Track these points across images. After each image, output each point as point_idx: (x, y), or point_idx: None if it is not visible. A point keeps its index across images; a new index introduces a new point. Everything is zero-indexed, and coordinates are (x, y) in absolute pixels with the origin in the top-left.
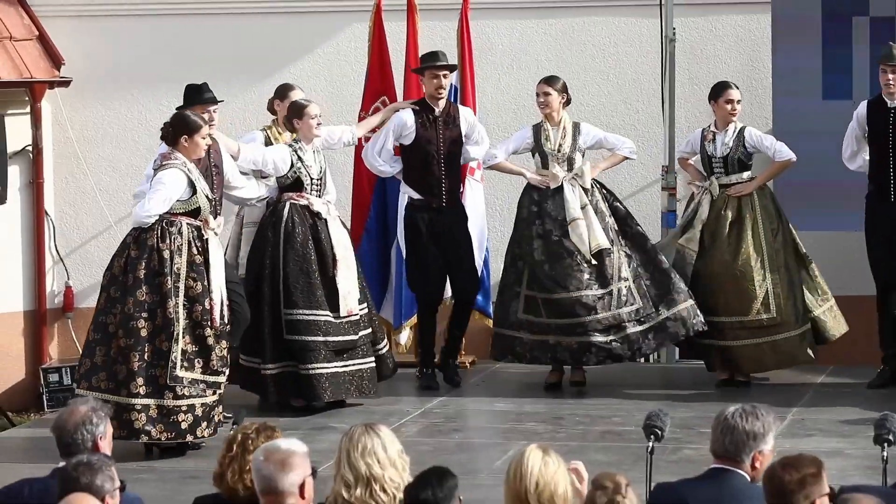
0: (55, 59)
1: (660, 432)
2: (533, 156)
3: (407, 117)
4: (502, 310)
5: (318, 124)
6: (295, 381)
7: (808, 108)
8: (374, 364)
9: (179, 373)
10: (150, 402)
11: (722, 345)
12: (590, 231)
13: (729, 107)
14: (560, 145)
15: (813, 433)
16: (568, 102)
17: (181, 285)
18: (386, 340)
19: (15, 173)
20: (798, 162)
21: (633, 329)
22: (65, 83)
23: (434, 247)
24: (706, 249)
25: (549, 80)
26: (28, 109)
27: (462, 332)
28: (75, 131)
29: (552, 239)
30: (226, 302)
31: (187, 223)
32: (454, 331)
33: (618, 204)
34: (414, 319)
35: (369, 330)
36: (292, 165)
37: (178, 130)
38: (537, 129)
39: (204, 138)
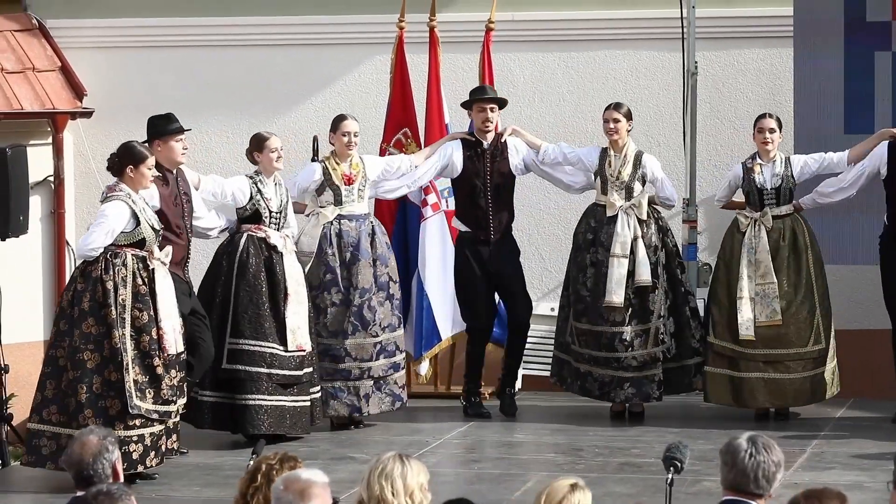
0: (77, 90)
1: (679, 464)
2: (595, 178)
3: (454, 147)
4: (557, 332)
5: (279, 158)
6: (230, 410)
7: (829, 141)
8: (309, 404)
9: (137, 402)
10: None
11: (771, 377)
12: (635, 266)
13: (760, 135)
14: (619, 172)
15: (833, 466)
16: (630, 129)
17: (127, 316)
18: (319, 388)
19: (36, 203)
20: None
21: (659, 370)
22: (87, 114)
23: (483, 280)
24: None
25: (617, 107)
26: (50, 140)
27: (518, 361)
28: (97, 162)
29: (602, 270)
30: (179, 330)
31: (132, 254)
32: (510, 360)
33: (668, 239)
34: (434, 350)
35: (312, 369)
36: (251, 197)
37: (123, 161)
38: (603, 153)
39: (150, 169)
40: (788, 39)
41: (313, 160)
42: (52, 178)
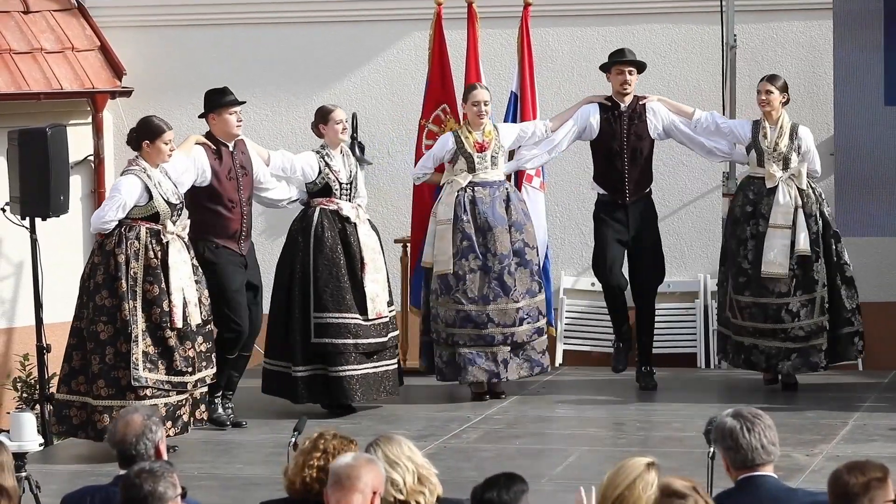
0: (116, 69)
1: None
2: (748, 152)
3: (592, 110)
4: (718, 307)
5: (344, 129)
6: (325, 383)
7: (869, 113)
8: (396, 366)
9: (143, 374)
10: (113, 403)
11: None
12: (795, 236)
13: None
14: (776, 144)
15: (875, 438)
16: (787, 102)
17: (139, 289)
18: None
19: (77, 183)
20: (858, 167)
21: (825, 339)
22: (126, 93)
23: (618, 237)
24: None
25: (772, 79)
26: (90, 119)
27: (650, 336)
28: None
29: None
30: (193, 303)
31: (146, 228)
32: (642, 337)
33: (824, 208)
34: None
35: (397, 332)
36: (320, 172)
37: (140, 136)
38: (756, 126)
39: (167, 143)
40: (827, 11)
41: (353, 137)
42: (91, 158)
